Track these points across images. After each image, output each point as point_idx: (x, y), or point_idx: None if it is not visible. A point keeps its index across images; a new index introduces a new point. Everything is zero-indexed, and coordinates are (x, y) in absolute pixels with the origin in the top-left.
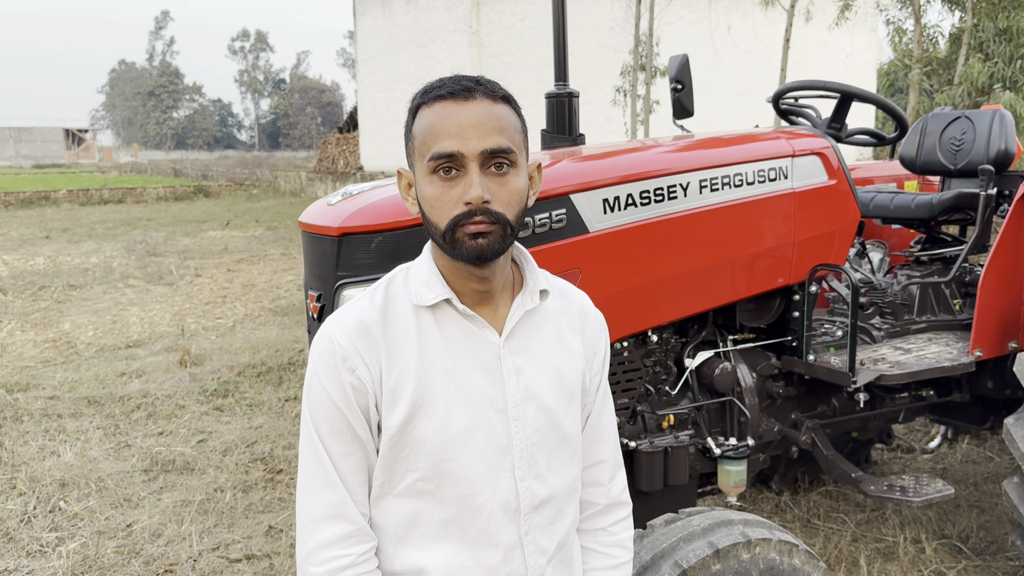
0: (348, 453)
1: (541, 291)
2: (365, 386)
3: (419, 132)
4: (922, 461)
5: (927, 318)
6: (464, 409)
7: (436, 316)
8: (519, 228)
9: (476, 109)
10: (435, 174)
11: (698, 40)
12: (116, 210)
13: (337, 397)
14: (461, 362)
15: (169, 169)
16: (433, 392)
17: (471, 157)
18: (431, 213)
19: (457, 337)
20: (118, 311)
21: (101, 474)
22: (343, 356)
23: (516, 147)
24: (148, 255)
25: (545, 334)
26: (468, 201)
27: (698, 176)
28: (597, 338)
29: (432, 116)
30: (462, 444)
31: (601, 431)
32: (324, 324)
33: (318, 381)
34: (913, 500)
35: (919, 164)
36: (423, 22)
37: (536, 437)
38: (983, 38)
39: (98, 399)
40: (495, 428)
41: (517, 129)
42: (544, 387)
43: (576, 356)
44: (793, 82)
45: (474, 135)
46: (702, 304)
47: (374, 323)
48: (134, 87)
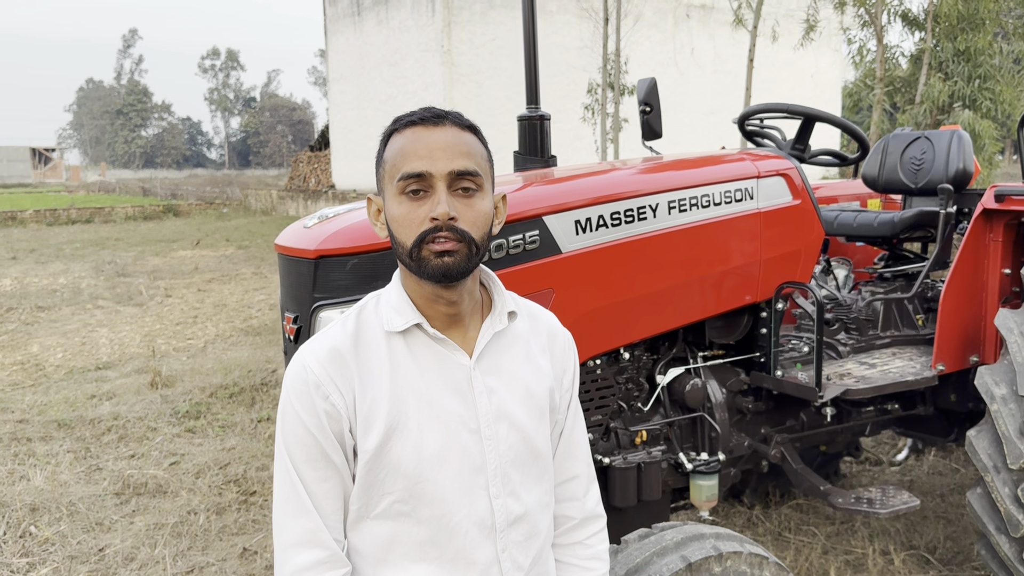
0: (322, 479)
1: (509, 313)
2: (339, 412)
3: (390, 156)
4: (890, 473)
5: (891, 333)
6: (438, 431)
7: (407, 341)
8: (484, 250)
9: (445, 134)
10: (404, 195)
11: (666, 60)
12: (84, 230)
13: (311, 424)
14: (433, 385)
15: (138, 188)
16: (407, 415)
17: (439, 177)
18: (398, 232)
19: (428, 361)
20: (87, 332)
21: (72, 498)
22: (316, 383)
23: (483, 172)
24: (117, 275)
25: (514, 354)
26: (435, 217)
27: (667, 197)
28: (565, 356)
29: (403, 140)
30: (437, 465)
31: (573, 447)
32: (297, 352)
33: (292, 409)
34: (880, 512)
35: (881, 183)
36: (394, 41)
37: (509, 455)
38: (943, 58)
39: (68, 422)
40: (469, 448)
41: (483, 157)
42: (515, 406)
43: (545, 375)
44: (758, 105)
45: (443, 157)
46: (672, 322)
47: (346, 350)
48: (102, 106)
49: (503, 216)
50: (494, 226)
